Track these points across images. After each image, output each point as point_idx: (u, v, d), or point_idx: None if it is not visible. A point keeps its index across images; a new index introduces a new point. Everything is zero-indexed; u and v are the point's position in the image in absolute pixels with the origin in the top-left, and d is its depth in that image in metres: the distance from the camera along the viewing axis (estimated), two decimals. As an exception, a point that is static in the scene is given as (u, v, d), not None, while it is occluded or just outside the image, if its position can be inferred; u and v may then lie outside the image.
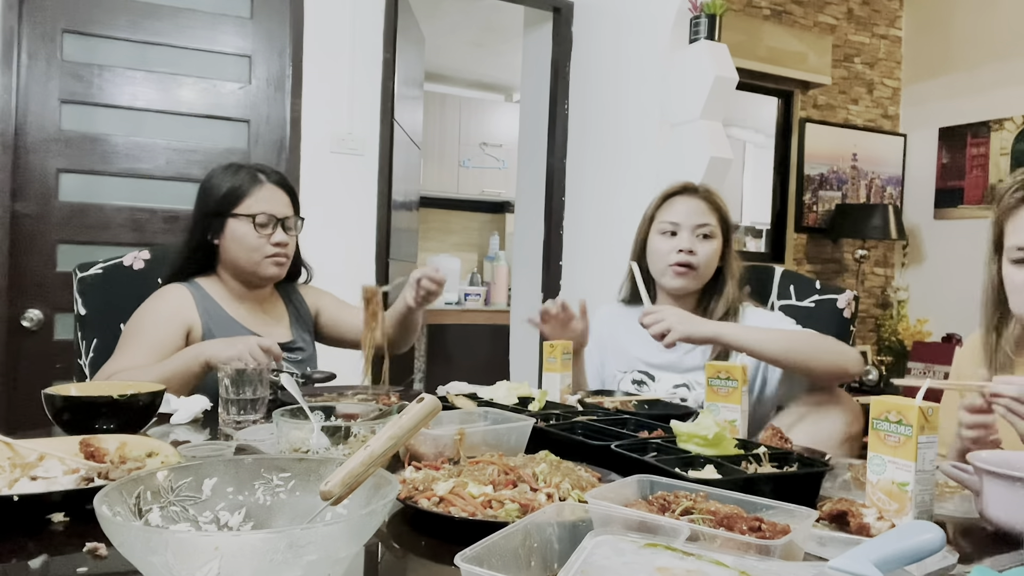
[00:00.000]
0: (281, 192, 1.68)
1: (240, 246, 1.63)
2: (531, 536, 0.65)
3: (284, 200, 1.68)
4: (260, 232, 1.62)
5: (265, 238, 1.63)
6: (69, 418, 1.17)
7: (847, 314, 1.73)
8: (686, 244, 1.64)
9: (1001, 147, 3.93)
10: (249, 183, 1.64)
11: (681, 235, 1.66)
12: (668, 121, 2.83)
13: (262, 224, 1.62)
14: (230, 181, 1.64)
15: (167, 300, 1.62)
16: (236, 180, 1.64)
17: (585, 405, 1.39)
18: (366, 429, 1.04)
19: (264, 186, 1.65)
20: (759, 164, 4.14)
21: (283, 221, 1.66)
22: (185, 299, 1.63)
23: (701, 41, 2.72)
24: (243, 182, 1.64)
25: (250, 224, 1.62)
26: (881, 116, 4.41)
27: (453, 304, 5.22)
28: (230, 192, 1.63)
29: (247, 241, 1.62)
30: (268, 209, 1.63)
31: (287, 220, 1.67)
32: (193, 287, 1.65)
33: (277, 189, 1.67)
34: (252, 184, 1.64)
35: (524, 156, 3.68)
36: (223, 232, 1.63)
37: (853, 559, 0.58)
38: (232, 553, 0.55)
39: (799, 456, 0.99)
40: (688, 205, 1.68)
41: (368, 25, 2.83)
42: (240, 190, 1.63)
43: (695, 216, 1.67)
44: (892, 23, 4.41)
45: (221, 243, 1.64)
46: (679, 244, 1.65)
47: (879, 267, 4.43)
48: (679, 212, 1.68)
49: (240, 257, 1.64)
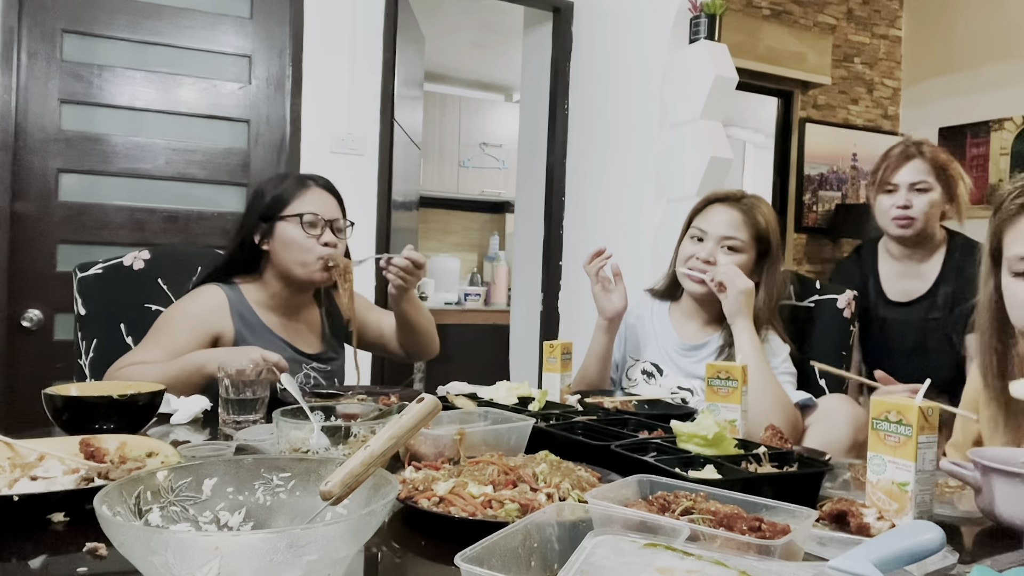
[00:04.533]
0: (328, 195, 1.69)
1: (290, 248, 1.62)
2: (531, 536, 0.65)
3: (332, 203, 1.69)
4: (309, 232, 1.62)
5: (314, 238, 1.63)
6: (69, 418, 1.17)
7: (847, 314, 1.73)
8: (705, 254, 1.63)
9: (1001, 147, 3.93)
10: (295, 187, 1.66)
11: (706, 243, 1.64)
12: (668, 121, 2.83)
13: (311, 223, 1.62)
14: (277, 187, 1.67)
15: (200, 303, 1.62)
16: (283, 186, 1.67)
17: (585, 405, 1.39)
18: (366, 429, 1.04)
19: (311, 190, 1.66)
20: (759, 164, 4.15)
21: (332, 223, 1.66)
22: (220, 303, 1.62)
23: (701, 41, 2.72)
24: (289, 186, 1.66)
25: (299, 225, 1.62)
26: (881, 116, 4.41)
27: (453, 304, 5.23)
28: (277, 197, 1.64)
29: (297, 242, 1.62)
30: (316, 210, 1.64)
31: (336, 222, 1.68)
32: (231, 290, 1.65)
33: (324, 192, 1.68)
34: (298, 188, 1.66)
35: (524, 156, 3.68)
36: (272, 236, 1.64)
37: (853, 559, 0.58)
38: (232, 553, 0.55)
39: (799, 456, 0.99)
40: (723, 215, 1.65)
41: (368, 25, 2.84)
42: (287, 194, 1.64)
43: (724, 227, 1.63)
44: (892, 23, 4.41)
45: (271, 247, 1.64)
46: (699, 252, 1.64)
47: (879, 267, 4.43)
48: (711, 220, 1.66)
49: (290, 260, 1.63)
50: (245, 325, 1.63)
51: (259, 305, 1.67)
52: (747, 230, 1.63)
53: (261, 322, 1.66)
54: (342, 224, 1.70)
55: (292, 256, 1.62)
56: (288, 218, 1.62)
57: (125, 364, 1.51)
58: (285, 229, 1.62)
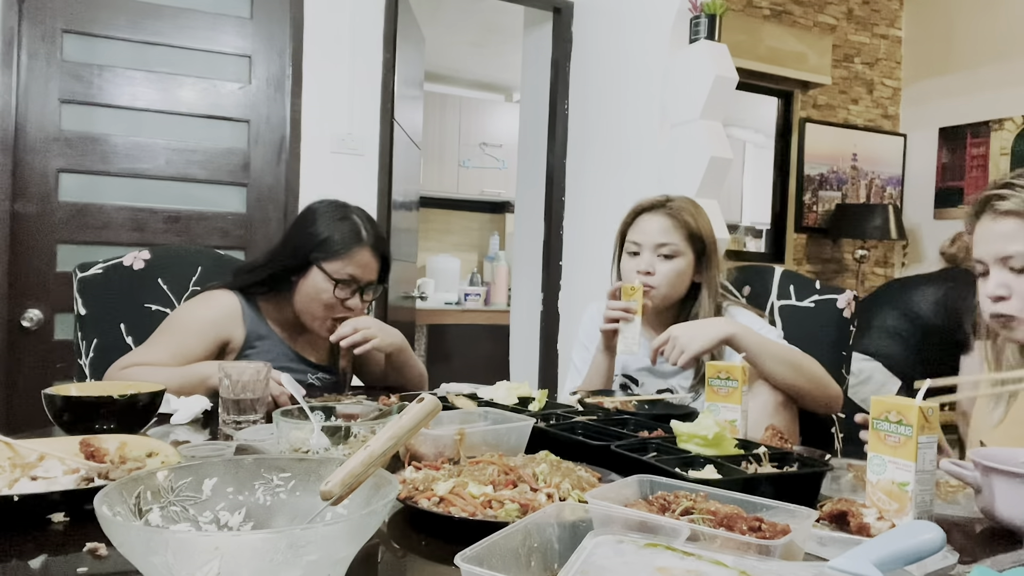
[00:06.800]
0: (374, 258, 1.64)
1: (313, 297, 1.60)
2: (531, 536, 0.65)
3: (374, 266, 1.65)
4: (338, 295, 1.60)
5: (339, 301, 1.61)
6: (69, 418, 1.17)
7: (847, 314, 1.73)
8: (644, 265, 1.62)
9: (1001, 147, 3.93)
10: (349, 241, 1.61)
11: (643, 255, 1.64)
12: (668, 121, 2.83)
13: (342, 288, 1.60)
14: (332, 229, 1.61)
15: (212, 308, 1.61)
16: (339, 231, 1.61)
17: (585, 405, 1.39)
18: (366, 429, 1.04)
19: (361, 250, 1.62)
20: (759, 164, 4.15)
21: (364, 288, 1.64)
22: (232, 310, 1.62)
23: (701, 41, 2.72)
24: (344, 236, 1.61)
25: (331, 283, 1.59)
26: (881, 116, 4.41)
27: (453, 304, 5.22)
28: (328, 242, 1.60)
29: (322, 297, 1.60)
30: (356, 274, 1.61)
31: (368, 287, 1.65)
32: (245, 298, 1.65)
33: (372, 254, 1.64)
34: (352, 244, 1.61)
35: (524, 156, 3.68)
36: (304, 276, 1.61)
37: (853, 559, 0.58)
38: (232, 553, 0.55)
39: (799, 456, 0.99)
40: (652, 223, 1.65)
41: (368, 25, 2.84)
42: (337, 245, 1.60)
43: (657, 235, 1.63)
44: (892, 23, 4.41)
45: (298, 282, 1.62)
46: (639, 265, 1.63)
47: (879, 267, 4.43)
48: (642, 231, 1.65)
49: (308, 307, 1.62)
50: (255, 332, 1.63)
51: (271, 317, 1.67)
52: (679, 233, 1.63)
53: (271, 330, 1.66)
54: (371, 289, 1.66)
55: (311, 305, 1.61)
56: (326, 272, 1.60)
57: (128, 364, 1.51)
58: (319, 279, 1.60)
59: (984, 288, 1.19)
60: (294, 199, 2.71)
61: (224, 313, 1.61)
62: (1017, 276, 1.15)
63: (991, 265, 1.18)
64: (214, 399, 1.37)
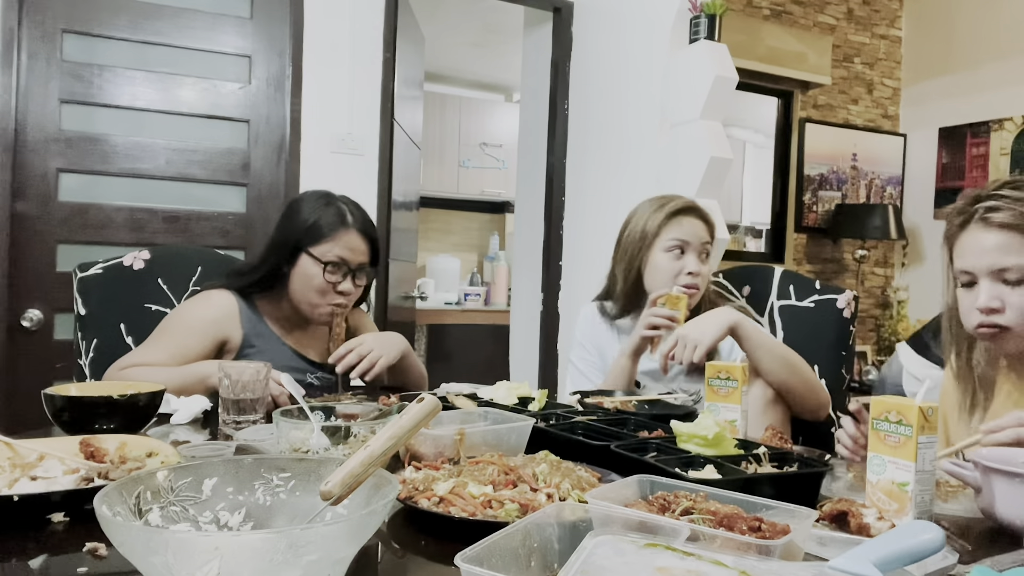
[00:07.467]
0: (362, 240, 1.65)
1: (305, 284, 1.61)
2: (531, 536, 0.65)
3: (363, 248, 1.65)
4: (329, 278, 1.60)
5: (331, 285, 1.61)
6: (69, 418, 1.17)
7: (847, 314, 1.73)
8: (694, 266, 1.65)
9: (1001, 147, 3.93)
10: (334, 224, 1.62)
11: (689, 255, 1.66)
12: (668, 121, 2.82)
13: (331, 271, 1.60)
14: (317, 215, 1.62)
15: (210, 308, 1.61)
16: (324, 216, 1.62)
17: (585, 405, 1.39)
18: (366, 429, 1.04)
19: (347, 232, 1.62)
20: (759, 164, 4.14)
21: (355, 270, 1.64)
22: (230, 309, 1.62)
23: (701, 41, 2.72)
24: (330, 220, 1.62)
25: (320, 266, 1.60)
26: (881, 116, 4.41)
27: (453, 304, 5.22)
28: (314, 227, 1.61)
29: (314, 282, 1.60)
30: (344, 256, 1.61)
31: (359, 269, 1.65)
32: (243, 297, 1.65)
33: (359, 236, 1.64)
34: (337, 226, 1.61)
35: (524, 156, 3.68)
36: (294, 265, 1.62)
37: (853, 559, 0.58)
38: (232, 553, 0.55)
39: (799, 456, 0.99)
40: (694, 225, 1.69)
41: (368, 25, 2.83)
42: (323, 229, 1.61)
43: (701, 235, 1.69)
44: (892, 23, 4.41)
45: (290, 273, 1.63)
46: (687, 266, 1.65)
47: (879, 267, 4.43)
48: (687, 231, 1.68)
49: (302, 294, 1.62)
50: (253, 332, 1.63)
51: (268, 314, 1.67)
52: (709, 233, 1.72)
53: (269, 329, 1.66)
54: (363, 272, 1.67)
55: (305, 293, 1.62)
56: (314, 257, 1.60)
57: (127, 364, 1.51)
58: (308, 265, 1.61)
59: (971, 299, 1.18)
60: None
61: (222, 312, 1.61)
62: (1012, 289, 1.14)
63: (981, 277, 1.16)
64: (214, 399, 1.37)
